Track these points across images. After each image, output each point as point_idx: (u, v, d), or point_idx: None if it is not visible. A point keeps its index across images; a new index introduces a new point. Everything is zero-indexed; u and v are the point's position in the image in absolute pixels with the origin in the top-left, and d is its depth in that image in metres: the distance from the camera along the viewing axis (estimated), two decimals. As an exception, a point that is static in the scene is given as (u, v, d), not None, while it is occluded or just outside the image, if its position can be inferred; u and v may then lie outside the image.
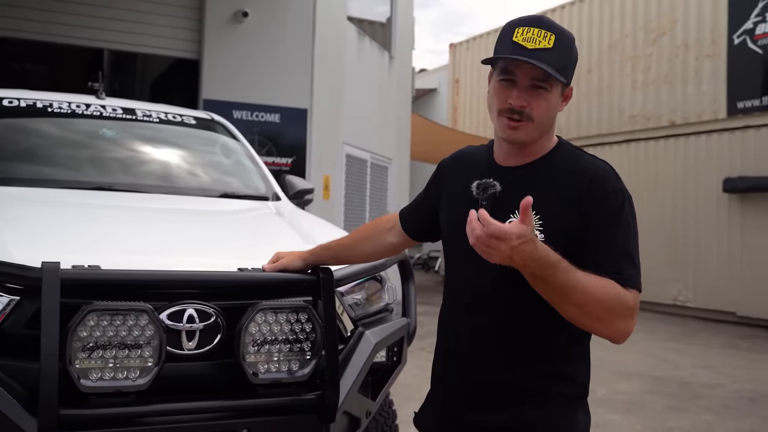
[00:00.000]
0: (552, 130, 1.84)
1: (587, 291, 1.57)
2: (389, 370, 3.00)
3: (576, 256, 1.63)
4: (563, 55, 1.73)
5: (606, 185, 1.72)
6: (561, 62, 1.72)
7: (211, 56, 8.94)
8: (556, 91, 1.75)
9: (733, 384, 7.05)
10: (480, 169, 1.88)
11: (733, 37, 12.09)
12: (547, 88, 1.72)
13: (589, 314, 1.60)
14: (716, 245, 11.99)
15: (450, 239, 1.95)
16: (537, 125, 1.75)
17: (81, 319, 2.12)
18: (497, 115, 1.78)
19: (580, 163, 1.77)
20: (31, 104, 4.07)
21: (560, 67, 1.72)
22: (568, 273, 1.55)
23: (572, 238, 1.68)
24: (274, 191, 4.17)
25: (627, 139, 13.78)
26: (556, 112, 1.79)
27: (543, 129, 1.78)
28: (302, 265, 2.44)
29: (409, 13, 13.53)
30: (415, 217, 2.17)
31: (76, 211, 3.15)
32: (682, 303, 12.35)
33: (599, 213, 1.68)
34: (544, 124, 1.77)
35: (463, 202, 1.86)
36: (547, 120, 1.77)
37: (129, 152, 4.09)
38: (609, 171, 1.76)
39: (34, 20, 8.24)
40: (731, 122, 12.02)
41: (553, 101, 1.75)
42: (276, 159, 9.21)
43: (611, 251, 1.66)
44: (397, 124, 12.77)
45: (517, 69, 1.73)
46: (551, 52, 1.70)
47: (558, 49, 1.71)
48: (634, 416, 5.75)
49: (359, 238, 2.32)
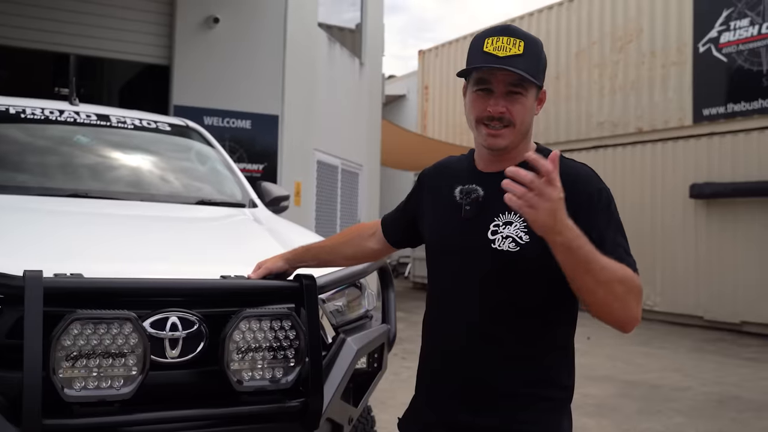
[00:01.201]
0: (530, 135, 1.88)
1: (609, 267, 1.57)
2: (370, 377, 3.01)
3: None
4: (534, 60, 1.78)
5: (589, 185, 1.76)
6: (533, 67, 1.77)
7: (182, 62, 8.88)
8: (531, 95, 1.80)
9: (702, 387, 7.16)
10: (462, 177, 1.91)
11: (698, 46, 12.31)
12: (522, 92, 1.77)
13: (612, 292, 1.58)
14: (683, 250, 12.17)
15: (434, 246, 1.98)
16: (518, 130, 1.80)
17: (64, 328, 2.10)
18: (476, 124, 1.82)
19: (561, 166, 1.79)
20: (2, 110, 4.02)
21: (533, 72, 1.77)
22: (591, 246, 1.56)
23: None
24: (250, 198, 4.16)
25: (595, 146, 13.95)
26: (533, 116, 1.84)
27: (523, 133, 1.82)
28: (284, 264, 2.44)
29: (379, 19, 13.57)
30: (396, 226, 2.21)
31: (55, 219, 3.11)
32: (650, 307, 12.50)
33: (588, 211, 1.70)
34: (524, 128, 1.81)
35: (447, 208, 1.90)
36: (527, 124, 1.82)
37: (104, 159, 4.05)
38: (590, 172, 1.82)
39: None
40: (697, 129, 12.22)
41: (529, 105, 1.80)
42: (247, 165, 9.18)
43: (608, 243, 1.67)
44: (368, 131, 12.79)
45: (492, 77, 1.77)
46: (523, 58, 1.75)
47: (529, 55, 1.76)
48: (606, 419, 5.82)
49: (341, 242, 2.34)
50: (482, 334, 1.80)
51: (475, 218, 1.82)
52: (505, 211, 1.77)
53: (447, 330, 1.88)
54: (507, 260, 1.75)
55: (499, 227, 1.77)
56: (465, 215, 1.85)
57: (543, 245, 1.60)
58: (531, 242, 1.71)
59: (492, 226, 1.78)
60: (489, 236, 1.78)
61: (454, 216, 1.88)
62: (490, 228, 1.78)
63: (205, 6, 8.99)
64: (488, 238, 1.78)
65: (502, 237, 1.76)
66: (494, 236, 1.77)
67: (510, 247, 1.74)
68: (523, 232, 1.74)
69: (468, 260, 1.83)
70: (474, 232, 1.81)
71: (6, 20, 8.17)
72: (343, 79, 11.73)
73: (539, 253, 1.67)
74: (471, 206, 1.84)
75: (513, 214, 1.76)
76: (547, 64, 1.93)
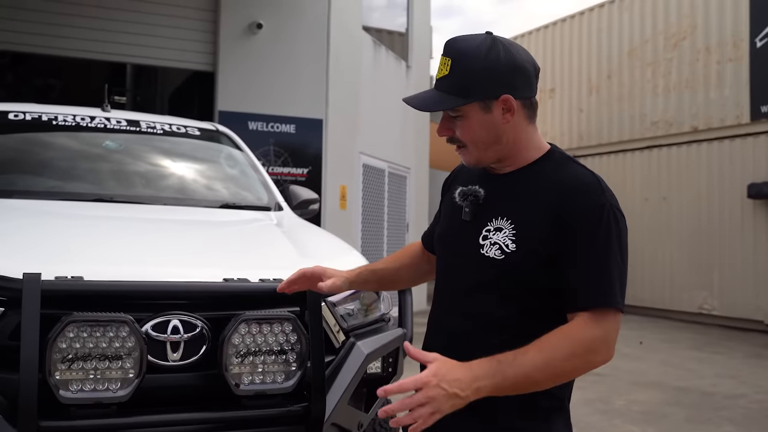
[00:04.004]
0: (525, 141, 1.76)
1: (550, 359, 1.55)
2: (384, 381, 2.96)
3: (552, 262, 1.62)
4: (459, 78, 1.68)
5: (586, 199, 1.65)
6: (459, 85, 1.68)
7: (226, 68, 8.99)
8: (474, 112, 1.70)
9: (757, 394, 6.90)
10: (473, 178, 1.87)
11: (755, 41, 11.91)
12: (457, 114, 1.71)
13: (567, 373, 1.60)
14: (742, 252, 11.79)
15: (438, 245, 1.95)
16: (473, 148, 1.74)
17: (60, 331, 2.13)
18: None
19: (563, 174, 1.71)
20: (36, 117, 4.10)
21: (457, 90, 1.68)
22: (517, 362, 1.54)
23: (547, 244, 1.64)
24: (276, 201, 4.15)
25: (649, 146, 13.63)
26: (499, 128, 1.71)
27: (489, 146, 1.74)
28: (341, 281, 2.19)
29: (426, 22, 13.54)
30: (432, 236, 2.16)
31: (69, 222, 3.16)
32: (707, 311, 12.15)
33: (575, 231, 1.62)
34: (482, 144, 1.73)
35: (454, 209, 1.87)
36: (486, 139, 1.72)
37: (131, 164, 4.10)
38: (591, 184, 1.68)
39: (53, 36, 8.35)
40: (755, 127, 11.83)
41: (477, 121, 1.70)
42: (292, 169, 9.23)
43: (582, 271, 1.61)
44: (416, 133, 12.76)
45: None
46: (447, 79, 1.70)
47: (454, 74, 1.69)
48: (652, 427, 5.65)
49: (402, 265, 2.23)
50: (466, 338, 1.75)
51: (473, 221, 1.78)
52: (498, 216, 1.72)
53: (443, 327, 1.86)
54: (491, 267, 1.69)
55: (490, 232, 1.72)
56: (464, 217, 1.81)
57: (527, 257, 1.59)
58: (516, 252, 1.66)
59: (484, 231, 1.73)
60: (480, 241, 1.73)
61: (456, 217, 1.85)
62: (482, 233, 1.74)
63: (248, 12, 9.09)
64: (479, 243, 1.73)
65: (490, 243, 1.71)
66: (484, 241, 1.72)
67: (496, 254, 1.69)
68: (510, 240, 1.67)
69: (460, 263, 1.80)
70: (469, 236, 1.76)
71: (67, 32, 8.41)
72: (389, 82, 11.73)
73: (523, 263, 1.64)
74: (470, 208, 1.80)
75: (504, 219, 1.70)
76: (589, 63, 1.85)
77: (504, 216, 1.69)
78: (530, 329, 1.67)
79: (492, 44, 1.69)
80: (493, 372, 1.53)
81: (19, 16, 8.16)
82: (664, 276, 12.72)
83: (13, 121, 4.04)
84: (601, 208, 1.64)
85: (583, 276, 1.61)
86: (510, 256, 1.67)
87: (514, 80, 1.69)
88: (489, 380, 1.52)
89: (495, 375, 1.53)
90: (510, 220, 1.67)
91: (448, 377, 1.50)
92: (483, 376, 1.52)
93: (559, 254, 1.63)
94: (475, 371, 1.53)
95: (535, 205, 1.68)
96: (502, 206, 1.73)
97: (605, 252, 1.62)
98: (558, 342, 1.57)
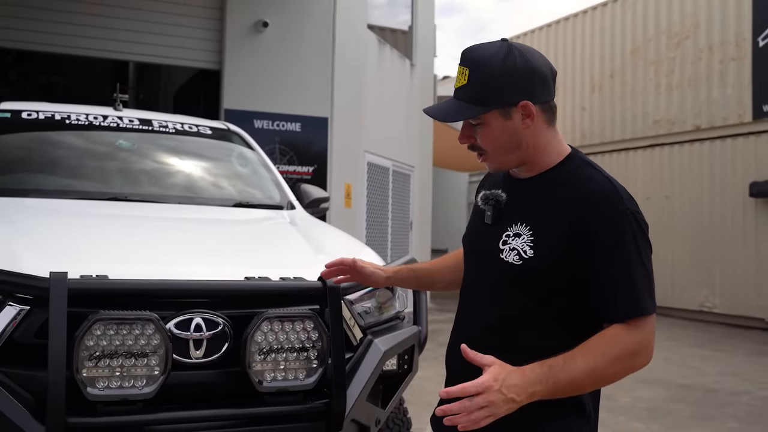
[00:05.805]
0: (545, 145, 1.78)
1: (597, 364, 1.58)
2: (400, 378, 2.99)
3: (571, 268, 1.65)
4: (478, 87, 1.70)
5: (602, 208, 1.66)
6: (478, 94, 1.70)
7: (232, 66, 9.00)
8: (496, 120, 1.71)
9: (759, 391, 6.94)
10: (498, 182, 1.89)
11: (757, 40, 11.94)
12: (478, 122, 1.73)
13: (611, 377, 1.62)
14: (743, 251, 11.83)
15: (464, 246, 1.99)
16: (495, 154, 1.76)
17: (87, 329, 2.16)
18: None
19: (579, 180, 1.73)
20: (49, 116, 4.13)
21: (477, 99, 1.70)
22: (567, 367, 1.57)
23: (564, 250, 1.66)
24: (288, 200, 4.18)
25: (651, 145, 13.66)
26: (519, 133, 1.73)
27: (511, 152, 1.75)
28: (379, 278, 2.24)
29: (430, 20, 13.53)
30: None
31: (88, 221, 3.18)
32: (708, 309, 12.19)
33: (593, 241, 1.64)
34: (503, 150, 1.75)
35: (476, 212, 1.93)
36: (507, 145, 1.74)
37: (144, 163, 4.12)
38: (606, 192, 1.69)
39: (57, 33, 8.35)
40: (757, 126, 11.86)
41: (497, 129, 1.72)
42: (297, 168, 9.25)
43: (607, 283, 1.64)
44: (420, 131, 12.76)
45: None
46: (466, 89, 1.72)
47: (473, 83, 1.70)
48: (657, 424, 5.68)
49: (443, 267, 2.25)
50: (485, 338, 1.78)
51: (495, 224, 1.81)
52: (517, 221, 1.75)
53: (462, 329, 1.90)
54: (509, 272, 1.72)
55: (509, 237, 1.74)
56: (486, 220, 1.84)
57: (544, 262, 1.62)
58: (534, 258, 1.68)
59: (504, 236, 1.76)
60: (500, 245, 1.76)
61: (480, 220, 1.88)
62: (502, 237, 1.76)
63: (254, 10, 9.09)
64: (499, 247, 1.76)
65: (509, 249, 1.73)
66: (504, 246, 1.74)
67: (514, 259, 1.71)
68: (528, 246, 1.70)
69: (482, 266, 1.84)
70: (490, 239, 1.79)
71: (71, 30, 8.41)
72: (394, 81, 11.73)
73: (540, 269, 1.66)
74: (491, 212, 1.83)
75: (523, 225, 1.73)
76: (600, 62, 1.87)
77: (523, 222, 1.72)
78: (550, 331, 1.70)
79: (508, 51, 1.70)
80: (545, 377, 1.56)
81: (23, 14, 8.15)
82: (667, 274, 12.74)
83: (26, 120, 4.06)
84: (618, 217, 1.65)
85: (609, 288, 1.63)
86: (528, 261, 1.69)
87: (531, 86, 1.71)
88: (542, 385, 1.56)
89: (547, 380, 1.56)
90: (528, 226, 1.70)
91: (507, 382, 1.53)
92: (536, 381, 1.56)
93: (578, 261, 1.65)
94: (529, 376, 1.56)
95: (552, 211, 1.70)
96: (521, 211, 1.76)
97: (627, 261, 1.63)
98: (604, 347, 1.60)
